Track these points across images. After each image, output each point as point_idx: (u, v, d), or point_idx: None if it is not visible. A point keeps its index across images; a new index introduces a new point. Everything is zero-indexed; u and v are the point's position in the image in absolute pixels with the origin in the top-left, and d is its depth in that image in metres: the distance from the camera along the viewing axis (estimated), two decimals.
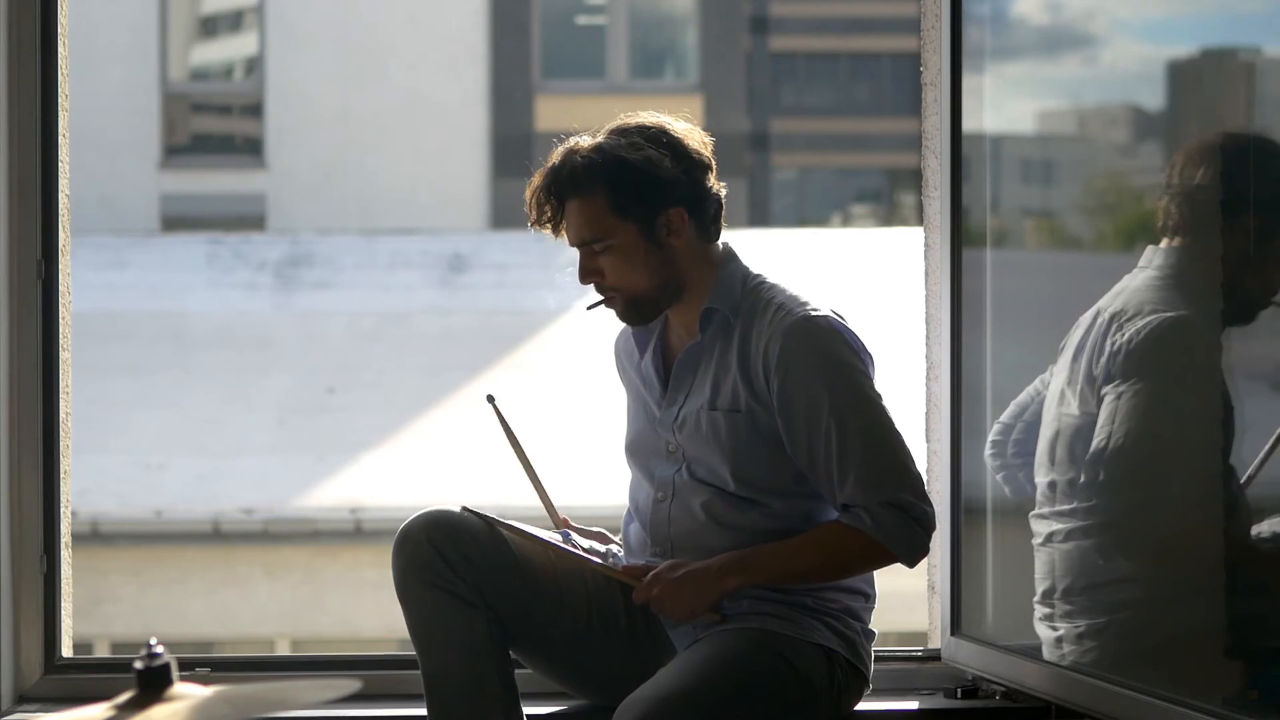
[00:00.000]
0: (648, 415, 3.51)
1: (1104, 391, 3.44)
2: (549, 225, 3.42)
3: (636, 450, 3.53)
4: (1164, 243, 3.39)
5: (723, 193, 3.44)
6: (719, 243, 3.46)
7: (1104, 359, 3.43)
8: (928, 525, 3.33)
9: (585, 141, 3.41)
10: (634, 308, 3.42)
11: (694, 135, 3.43)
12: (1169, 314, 3.36)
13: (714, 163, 3.44)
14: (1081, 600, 3.57)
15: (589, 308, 3.48)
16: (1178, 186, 3.36)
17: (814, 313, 3.36)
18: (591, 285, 3.42)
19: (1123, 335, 3.40)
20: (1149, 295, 3.38)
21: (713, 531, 3.42)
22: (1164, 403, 3.42)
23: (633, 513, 3.55)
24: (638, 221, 3.37)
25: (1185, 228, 3.35)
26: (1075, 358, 3.50)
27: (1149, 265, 3.40)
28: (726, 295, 3.41)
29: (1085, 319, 3.51)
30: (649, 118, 3.43)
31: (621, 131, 3.40)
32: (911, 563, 3.36)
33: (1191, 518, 3.36)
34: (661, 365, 3.50)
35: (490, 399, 3.60)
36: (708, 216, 3.42)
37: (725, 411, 3.39)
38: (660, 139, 3.39)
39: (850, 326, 3.40)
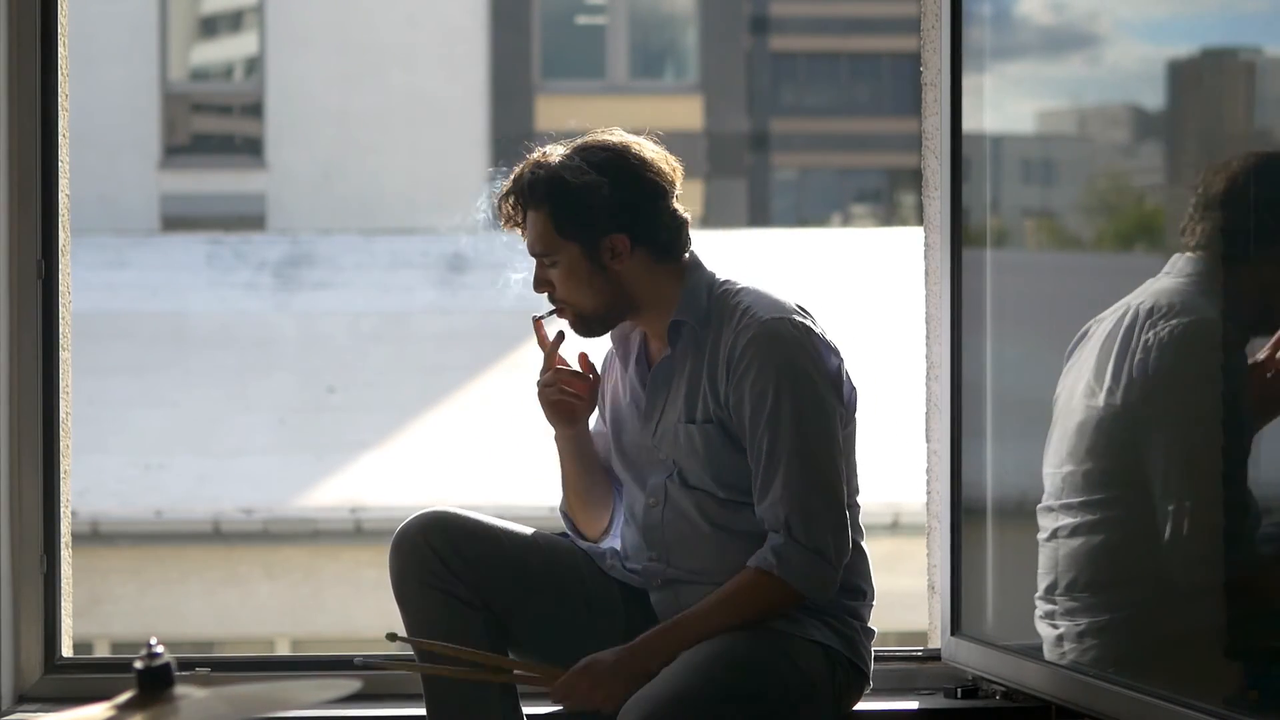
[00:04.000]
0: (636, 426, 3.51)
1: (1131, 384, 3.43)
2: (518, 228, 3.45)
3: (628, 457, 3.53)
4: (1187, 253, 3.38)
5: (686, 215, 3.45)
6: (685, 257, 3.46)
7: (1132, 354, 3.42)
8: (831, 557, 3.33)
9: (550, 153, 3.43)
10: (581, 322, 3.45)
11: (659, 161, 3.42)
12: (1201, 315, 3.35)
13: (677, 187, 3.44)
14: (1084, 597, 3.57)
15: (539, 317, 3.49)
16: (1204, 202, 3.35)
17: (778, 317, 3.36)
18: (545, 295, 3.45)
19: (1154, 332, 3.40)
20: (1178, 297, 3.38)
21: (707, 534, 3.43)
22: (1192, 400, 3.42)
23: (628, 518, 3.55)
24: (580, 243, 3.39)
25: (1209, 243, 3.34)
26: (1102, 349, 3.49)
27: (1175, 272, 3.39)
28: (692, 307, 3.42)
29: (1113, 313, 3.49)
30: (617, 137, 3.44)
31: (583, 149, 3.42)
32: (820, 598, 3.36)
33: (1194, 517, 3.36)
34: (647, 377, 3.51)
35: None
36: (659, 242, 3.42)
37: (700, 424, 3.41)
38: (611, 164, 3.40)
39: (815, 328, 3.39)
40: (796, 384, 3.34)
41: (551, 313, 3.47)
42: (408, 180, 16.12)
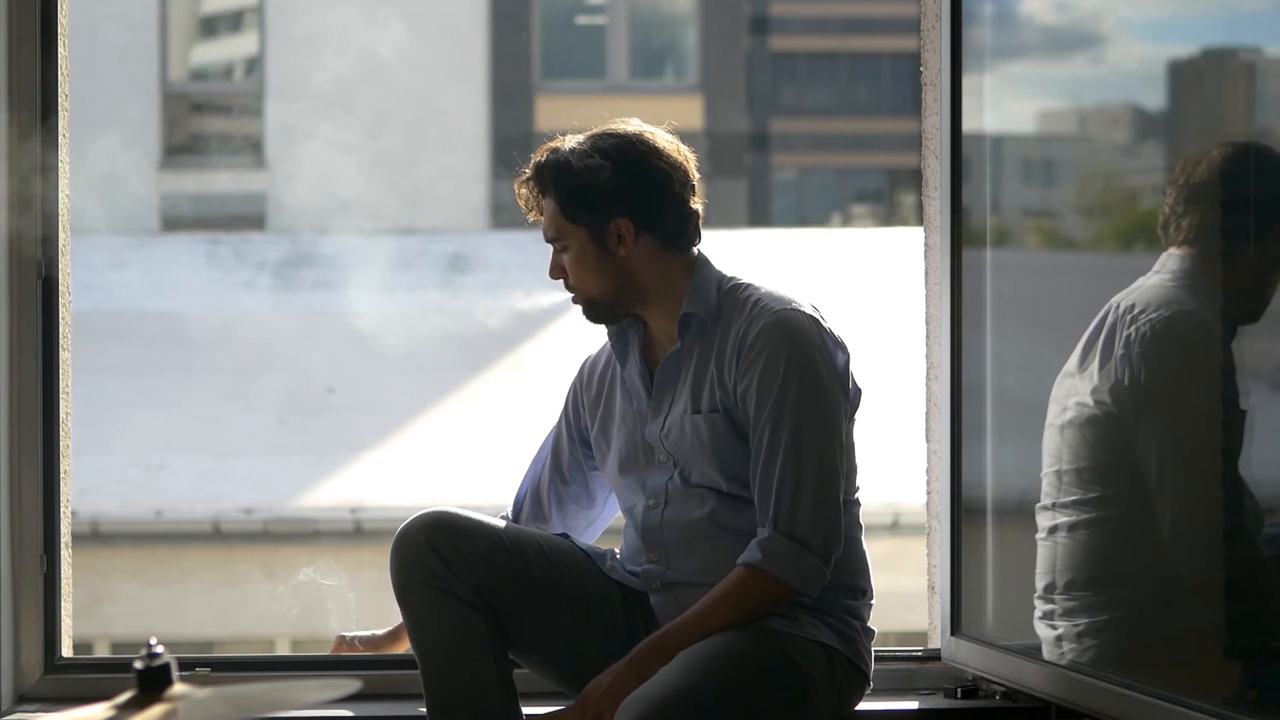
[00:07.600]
0: (634, 428, 3.52)
1: (1115, 383, 3.44)
2: (540, 214, 3.49)
3: (625, 461, 3.53)
4: (1173, 249, 3.38)
5: (697, 206, 3.46)
6: (693, 250, 3.48)
7: (1116, 351, 3.43)
8: (817, 550, 3.34)
9: (565, 140, 3.47)
10: (591, 308, 3.49)
11: (670, 150, 3.45)
12: (1182, 309, 3.36)
13: (689, 177, 3.45)
14: (1082, 596, 3.58)
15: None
16: (1186, 194, 3.36)
17: (791, 309, 3.39)
18: (561, 281, 3.49)
19: (1136, 328, 3.41)
20: (1163, 293, 3.39)
21: (707, 535, 3.43)
22: (1173, 396, 3.43)
23: (627, 520, 3.56)
24: (586, 227, 3.43)
25: (1196, 235, 3.35)
26: (1088, 348, 3.50)
27: (1162, 269, 3.40)
28: (703, 299, 3.44)
29: (1100, 313, 3.50)
30: (631, 126, 3.47)
31: (595, 136, 3.46)
32: (809, 592, 3.36)
33: (1193, 516, 3.36)
34: (646, 375, 3.51)
35: None
36: (667, 230, 3.45)
37: (706, 414, 3.42)
38: (618, 149, 3.43)
39: (827, 326, 3.42)
40: (804, 376, 3.35)
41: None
42: (407, 180, 16.12)
